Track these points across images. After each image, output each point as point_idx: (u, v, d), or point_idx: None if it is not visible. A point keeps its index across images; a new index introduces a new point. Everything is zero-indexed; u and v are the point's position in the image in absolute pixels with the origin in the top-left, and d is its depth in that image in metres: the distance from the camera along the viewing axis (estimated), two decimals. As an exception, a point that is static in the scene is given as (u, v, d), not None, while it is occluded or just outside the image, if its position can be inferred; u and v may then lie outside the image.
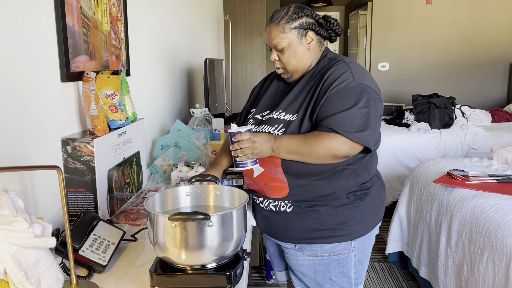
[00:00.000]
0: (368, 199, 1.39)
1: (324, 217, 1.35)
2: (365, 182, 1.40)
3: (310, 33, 1.36)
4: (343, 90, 1.26)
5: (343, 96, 1.26)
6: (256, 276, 2.89)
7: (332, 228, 1.36)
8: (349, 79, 1.28)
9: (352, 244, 1.40)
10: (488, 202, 2.07)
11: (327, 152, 1.24)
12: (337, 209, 1.35)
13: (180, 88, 2.97)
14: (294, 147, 1.26)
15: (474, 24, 5.73)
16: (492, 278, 1.85)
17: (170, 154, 2.04)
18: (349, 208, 1.36)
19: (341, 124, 1.24)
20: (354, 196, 1.37)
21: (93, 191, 1.34)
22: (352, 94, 1.26)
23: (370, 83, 1.30)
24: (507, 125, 4.25)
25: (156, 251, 1.03)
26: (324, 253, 1.39)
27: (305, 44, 1.36)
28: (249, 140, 1.27)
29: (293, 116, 1.33)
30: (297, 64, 1.37)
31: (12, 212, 0.91)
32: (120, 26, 1.80)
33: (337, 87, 1.27)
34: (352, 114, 1.24)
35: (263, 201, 1.44)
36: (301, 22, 1.34)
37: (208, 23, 4.13)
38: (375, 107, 1.28)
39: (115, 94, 1.51)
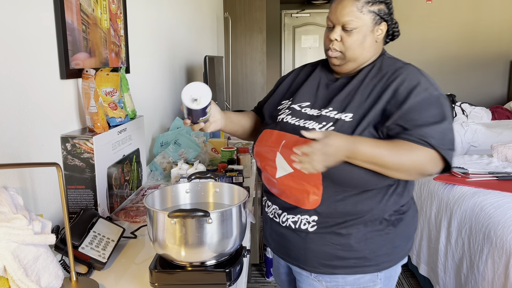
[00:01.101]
0: (401, 225, 1.20)
1: (351, 243, 1.15)
2: (402, 205, 1.21)
3: (383, 25, 1.18)
4: (428, 99, 1.09)
5: (429, 106, 1.09)
6: (256, 273, 2.89)
7: (359, 257, 1.16)
8: (430, 87, 1.11)
9: (378, 276, 1.20)
10: (488, 199, 2.07)
11: (416, 169, 1.05)
12: (367, 235, 1.16)
13: (179, 85, 2.97)
14: (379, 158, 1.04)
15: (474, 21, 5.72)
16: (492, 275, 1.85)
17: (170, 152, 2.04)
18: (380, 235, 1.17)
19: (436, 138, 1.05)
20: (387, 222, 1.17)
21: (92, 188, 1.34)
22: (438, 105, 1.09)
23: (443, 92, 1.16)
24: (507, 122, 4.25)
25: (156, 248, 1.03)
26: (346, 285, 1.19)
27: (375, 34, 1.17)
28: (322, 143, 0.98)
29: (346, 115, 1.13)
30: (360, 53, 1.17)
31: (11, 209, 0.91)
32: (120, 23, 1.79)
33: (420, 95, 1.09)
34: (444, 129, 1.08)
35: (281, 214, 1.23)
36: (380, 8, 1.16)
37: (208, 20, 4.12)
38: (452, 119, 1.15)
39: (114, 91, 1.51)
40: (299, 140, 1.12)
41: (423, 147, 1.05)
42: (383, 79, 1.16)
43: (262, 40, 5.05)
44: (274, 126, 1.24)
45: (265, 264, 2.83)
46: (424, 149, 1.05)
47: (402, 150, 1.04)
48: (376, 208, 1.15)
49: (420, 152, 1.05)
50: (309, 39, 6.73)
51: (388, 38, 1.25)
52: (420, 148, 1.05)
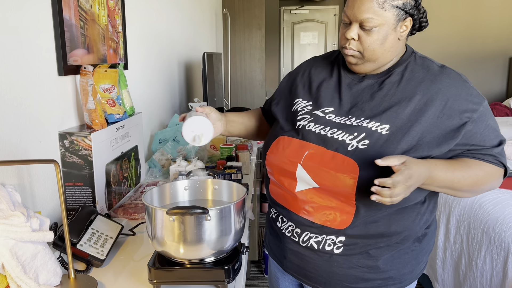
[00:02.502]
0: (425, 241, 1.12)
1: (380, 266, 1.06)
2: (429, 221, 1.12)
3: (408, 20, 1.02)
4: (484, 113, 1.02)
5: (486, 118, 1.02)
6: (255, 270, 2.90)
7: (385, 277, 1.08)
8: (479, 96, 1.03)
9: None
10: (487, 196, 2.07)
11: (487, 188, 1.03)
12: (394, 255, 1.07)
13: (178, 82, 2.96)
14: (455, 182, 0.97)
15: (473, 18, 5.72)
16: (490, 272, 1.85)
17: (168, 148, 2.04)
18: (407, 253, 1.08)
19: (504, 156, 1.05)
20: (413, 239, 1.09)
21: (91, 185, 1.33)
22: (490, 116, 1.04)
23: None
24: (506, 119, 4.25)
25: (154, 245, 1.03)
26: None
27: (399, 31, 1.02)
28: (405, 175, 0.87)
29: (383, 127, 1.00)
30: (380, 54, 1.03)
31: (9, 206, 0.91)
32: (118, 19, 1.79)
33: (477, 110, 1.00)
34: (502, 142, 1.04)
35: (301, 234, 1.09)
36: (405, 1, 1.00)
37: (206, 16, 4.11)
38: None
39: (112, 88, 1.51)
40: (326, 153, 1.01)
41: (496, 167, 1.03)
42: (422, 84, 1.02)
43: (261, 36, 5.04)
44: (293, 133, 1.10)
45: (264, 261, 2.83)
46: (494, 167, 1.03)
47: (485, 175, 1.01)
48: (409, 229, 1.06)
49: (492, 171, 1.02)
50: (308, 35, 6.72)
51: (414, 30, 1.09)
52: (496, 169, 1.03)
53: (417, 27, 1.08)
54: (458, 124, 0.99)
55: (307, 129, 1.08)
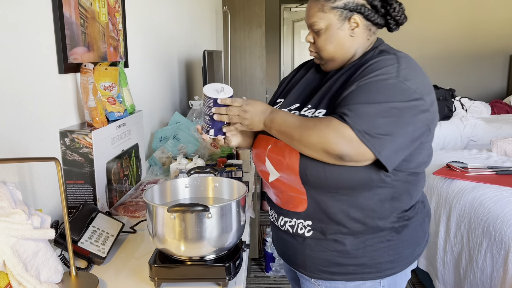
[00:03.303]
0: (406, 232, 1.12)
1: (349, 250, 1.10)
2: (405, 210, 1.12)
3: (357, 17, 1.08)
4: (377, 84, 1.00)
5: (374, 91, 0.99)
6: (256, 267, 2.90)
7: (358, 264, 1.10)
8: (392, 74, 1.00)
9: (380, 283, 1.13)
10: (487, 193, 2.07)
11: (320, 143, 0.97)
12: (366, 242, 1.09)
13: (178, 80, 2.96)
14: (287, 127, 1.02)
15: (474, 15, 5.71)
16: (491, 269, 1.85)
17: (169, 146, 2.04)
18: (381, 241, 1.10)
19: (354, 116, 0.96)
20: (390, 228, 1.10)
21: (91, 183, 1.34)
22: (386, 91, 0.99)
23: (420, 88, 1.02)
24: (507, 117, 4.25)
25: (155, 242, 1.03)
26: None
27: (347, 29, 1.09)
28: (240, 108, 1.08)
29: (321, 112, 1.09)
30: (333, 52, 1.11)
31: (10, 204, 0.91)
32: (118, 17, 1.78)
33: (372, 79, 1.01)
34: (376, 111, 0.96)
35: (278, 218, 1.19)
36: (347, 2, 1.07)
37: (206, 14, 4.11)
38: (415, 118, 1.00)
39: (113, 86, 1.51)
40: (280, 143, 1.10)
41: (334, 120, 0.97)
42: (354, 69, 1.10)
43: (261, 34, 5.03)
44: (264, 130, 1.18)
45: (265, 259, 2.84)
46: (335, 123, 0.97)
47: (310, 123, 1.00)
48: (370, 215, 1.07)
49: (328, 126, 0.97)
50: (309, 33, 6.71)
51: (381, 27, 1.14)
52: (330, 121, 0.98)
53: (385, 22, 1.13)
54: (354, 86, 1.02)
55: None
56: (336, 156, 0.97)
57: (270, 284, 2.70)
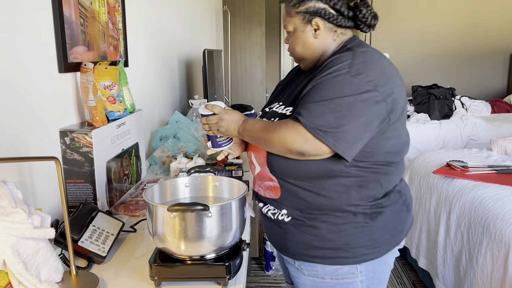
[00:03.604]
0: (380, 219, 1.17)
1: (324, 234, 1.16)
2: (377, 199, 1.17)
3: (317, 20, 1.18)
4: (328, 81, 1.08)
5: (326, 88, 1.07)
6: (256, 267, 2.90)
7: (334, 248, 1.17)
8: (343, 70, 1.08)
9: (358, 269, 1.18)
10: (487, 192, 2.07)
11: (281, 143, 1.07)
12: (340, 227, 1.15)
13: (178, 79, 2.96)
14: (255, 132, 1.14)
15: (474, 14, 5.70)
16: (491, 268, 1.85)
17: (169, 146, 2.04)
18: (356, 227, 1.15)
19: (307, 115, 1.05)
20: (363, 215, 1.15)
21: (92, 182, 1.34)
22: (336, 87, 1.06)
23: (375, 80, 1.07)
24: (507, 116, 4.24)
25: (156, 242, 1.03)
26: (325, 275, 1.20)
27: (310, 31, 1.20)
28: (217, 117, 1.21)
29: (288, 109, 1.19)
30: (302, 52, 1.23)
31: (10, 203, 0.91)
32: (118, 16, 1.78)
33: (325, 77, 1.09)
34: (326, 108, 1.04)
35: (263, 206, 1.27)
36: (308, 7, 1.18)
37: (206, 13, 4.10)
38: (367, 109, 1.06)
39: (113, 85, 1.51)
40: None
41: (292, 122, 1.08)
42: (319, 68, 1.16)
43: (261, 33, 5.03)
44: None
45: (265, 258, 2.84)
46: (291, 123, 1.07)
47: (272, 126, 1.11)
48: (337, 202, 1.14)
49: (286, 127, 1.08)
50: (309, 32, 6.69)
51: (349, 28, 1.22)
52: (287, 122, 1.08)
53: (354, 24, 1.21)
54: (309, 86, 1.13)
55: None
56: (297, 153, 1.08)
57: (271, 283, 2.70)
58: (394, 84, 1.11)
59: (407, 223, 1.26)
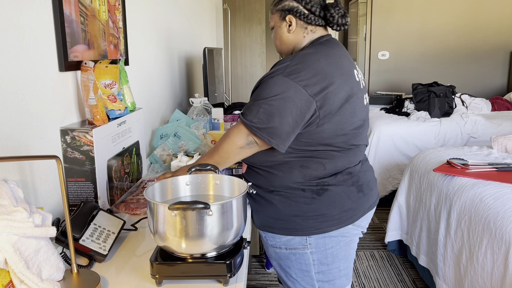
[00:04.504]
0: (327, 195, 1.31)
1: (278, 206, 1.32)
2: (322, 177, 1.31)
3: (290, 17, 1.35)
4: (265, 82, 1.23)
5: (262, 88, 1.23)
6: (256, 264, 2.91)
7: (286, 219, 1.32)
8: (278, 71, 1.22)
9: (307, 241, 1.33)
10: (488, 190, 2.07)
11: (231, 145, 1.25)
12: (291, 200, 1.31)
13: (179, 77, 2.96)
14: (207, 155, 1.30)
15: (474, 12, 5.69)
16: (491, 266, 1.86)
17: (169, 144, 2.04)
18: (305, 201, 1.30)
19: (246, 113, 1.23)
20: (310, 191, 1.30)
21: (92, 181, 1.34)
22: (269, 87, 1.21)
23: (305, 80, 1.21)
24: (507, 113, 4.24)
25: (156, 240, 1.03)
26: (282, 245, 1.36)
27: (285, 27, 1.37)
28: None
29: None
30: (279, 46, 1.41)
31: (11, 202, 0.91)
32: (118, 15, 1.78)
33: (265, 78, 1.24)
34: (258, 106, 1.22)
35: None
36: (284, 5, 1.36)
37: (207, 11, 4.10)
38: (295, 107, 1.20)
39: (113, 84, 1.51)
40: None
41: (235, 125, 1.25)
42: None
43: (262, 31, 5.03)
44: None
45: (265, 256, 2.84)
46: (235, 125, 1.25)
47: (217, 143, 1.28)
48: (284, 180, 1.31)
49: (230, 131, 1.26)
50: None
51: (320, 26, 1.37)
52: (232, 127, 1.26)
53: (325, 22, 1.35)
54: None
55: None
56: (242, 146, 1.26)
57: (271, 281, 2.71)
58: (328, 82, 1.23)
59: (359, 203, 1.36)
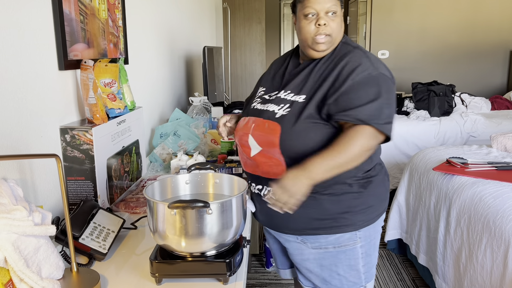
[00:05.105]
0: (371, 187, 1.31)
1: (326, 206, 1.27)
2: (368, 170, 1.32)
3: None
4: (365, 80, 1.20)
5: (366, 86, 1.20)
6: (256, 263, 2.91)
7: (335, 217, 1.27)
8: (370, 68, 1.22)
9: (357, 235, 1.31)
10: (487, 189, 2.07)
11: (362, 149, 1.16)
12: (340, 197, 1.27)
13: (178, 76, 2.96)
14: (331, 165, 1.15)
15: (474, 11, 5.69)
16: (490, 265, 1.86)
17: (169, 143, 2.04)
18: (353, 196, 1.28)
19: (370, 115, 1.17)
20: (358, 184, 1.29)
21: (92, 179, 1.34)
22: (375, 84, 1.20)
23: (388, 72, 1.26)
24: (507, 112, 4.24)
25: (156, 239, 1.03)
26: (328, 245, 1.30)
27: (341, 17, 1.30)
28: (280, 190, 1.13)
29: (300, 97, 1.26)
30: (339, 34, 1.30)
31: (11, 201, 0.91)
32: (118, 13, 1.78)
33: (358, 75, 1.20)
34: (380, 105, 1.19)
35: (261, 189, 1.33)
36: None
37: (206, 10, 4.10)
38: (394, 97, 1.26)
39: (113, 83, 1.51)
40: (263, 122, 1.28)
41: (357, 128, 1.16)
42: (332, 62, 1.27)
43: (261, 30, 5.02)
44: (246, 113, 1.39)
45: (265, 254, 2.85)
46: (359, 129, 1.16)
47: (343, 145, 1.15)
48: (341, 176, 1.23)
49: (358, 135, 1.16)
50: (309, 29, 6.67)
51: None
52: (355, 130, 1.16)
53: None
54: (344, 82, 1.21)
55: (254, 108, 1.36)
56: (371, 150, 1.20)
57: (271, 280, 2.71)
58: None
59: (388, 191, 1.41)
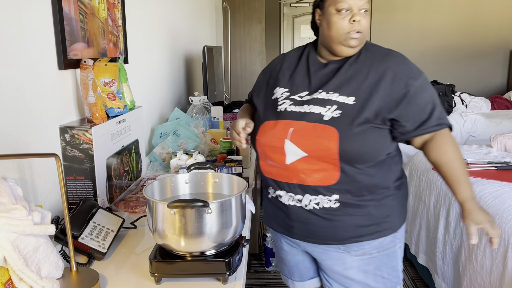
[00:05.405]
0: (402, 187, 1.35)
1: (371, 211, 1.26)
2: (400, 170, 1.35)
3: None
4: (424, 84, 1.24)
5: (426, 90, 1.24)
6: (256, 263, 2.91)
7: (378, 222, 1.28)
8: (417, 70, 1.26)
9: (396, 236, 1.33)
10: (487, 189, 2.07)
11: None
12: (381, 202, 1.28)
13: (178, 76, 2.96)
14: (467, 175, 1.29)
15: (474, 10, 5.69)
16: (490, 265, 1.86)
17: (169, 142, 2.04)
18: (391, 199, 1.30)
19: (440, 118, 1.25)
20: (394, 187, 1.30)
21: (92, 179, 1.34)
22: (429, 85, 1.26)
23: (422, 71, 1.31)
24: (507, 112, 4.25)
25: (156, 238, 1.03)
26: (372, 250, 1.30)
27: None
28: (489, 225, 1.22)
29: (349, 99, 1.21)
30: (367, 33, 1.28)
31: (11, 200, 0.91)
32: (118, 13, 1.78)
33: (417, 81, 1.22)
34: (439, 104, 1.27)
35: (302, 199, 1.26)
36: None
37: (206, 10, 4.10)
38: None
39: (113, 82, 1.51)
40: (307, 125, 1.21)
41: (446, 132, 1.24)
42: (374, 63, 1.24)
43: (261, 30, 5.02)
44: (276, 117, 1.28)
45: (265, 254, 2.85)
46: (446, 131, 1.24)
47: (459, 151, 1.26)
48: (386, 179, 1.27)
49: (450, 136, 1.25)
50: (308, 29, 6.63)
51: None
52: (448, 134, 1.25)
53: None
54: (404, 91, 1.21)
55: (288, 110, 1.27)
56: None
57: (270, 279, 2.71)
58: None
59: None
